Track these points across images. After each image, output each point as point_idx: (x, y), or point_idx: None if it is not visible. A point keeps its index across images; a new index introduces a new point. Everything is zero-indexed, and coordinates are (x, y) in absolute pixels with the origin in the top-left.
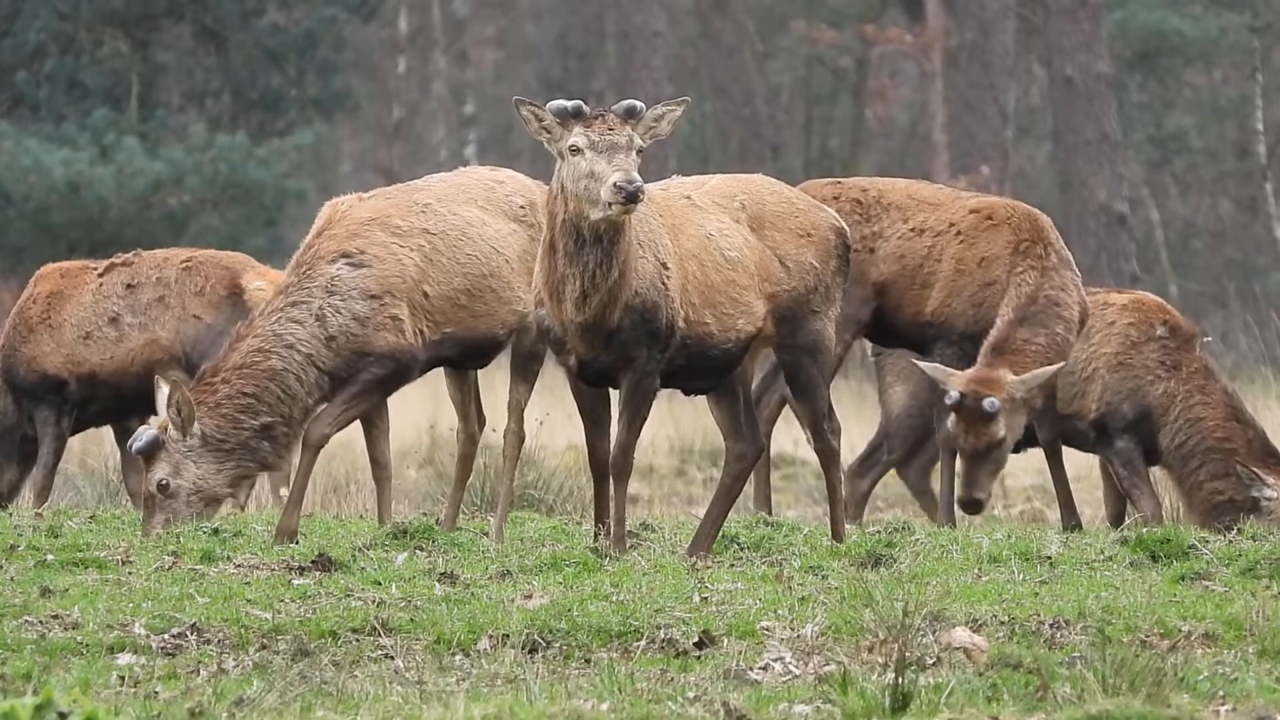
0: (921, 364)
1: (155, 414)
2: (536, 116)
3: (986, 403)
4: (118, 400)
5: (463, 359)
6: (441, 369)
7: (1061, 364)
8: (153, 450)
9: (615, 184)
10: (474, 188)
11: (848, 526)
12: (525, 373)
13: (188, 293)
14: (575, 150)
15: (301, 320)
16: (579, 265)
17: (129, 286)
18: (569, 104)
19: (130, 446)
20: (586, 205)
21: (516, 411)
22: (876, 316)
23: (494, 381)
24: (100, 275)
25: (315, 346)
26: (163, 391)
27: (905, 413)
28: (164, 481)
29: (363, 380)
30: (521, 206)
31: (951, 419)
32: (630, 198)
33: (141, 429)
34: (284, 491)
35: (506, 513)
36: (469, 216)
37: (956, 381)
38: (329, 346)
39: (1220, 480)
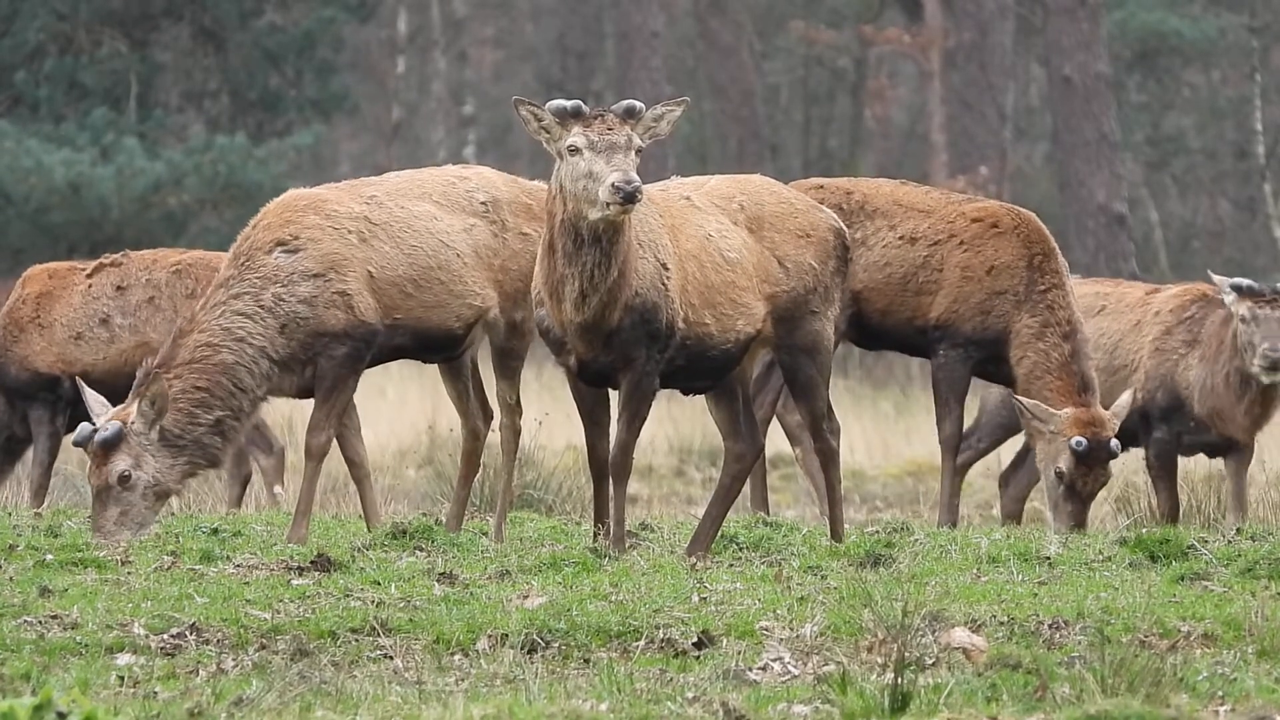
0: (1023, 400)
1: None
2: (536, 116)
3: (1113, 445)
4: (110, 398)
5: (418, 350)
6: (438, 370)
7: (1134, 390)
8: (117, 442)
9: (613, 184)
10: (431, 183)
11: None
12: (504, 368)
13: (178, 295)
14: (574, 150)
15: (249, 314)
16: (577, 265)
17: (119, 288)
18: (568, 104)
19: (93, 437)
20: (585, 205)
21: (505, 406)
22: (858, 322)
23: (494, 381)
24: (89, 276)
25: (269, 338)
26: (87, 392)
27: (996, 411)
28: (126, 473)
29: (329, 368)
30: (483, 202)
31: (1072, 463)
32: (628, 198)
33: (100, 420)
34: (279, 489)
35: (506, 510)
36: (418, 210)
37: (1072, 425)
38: (283, 334)
39: None
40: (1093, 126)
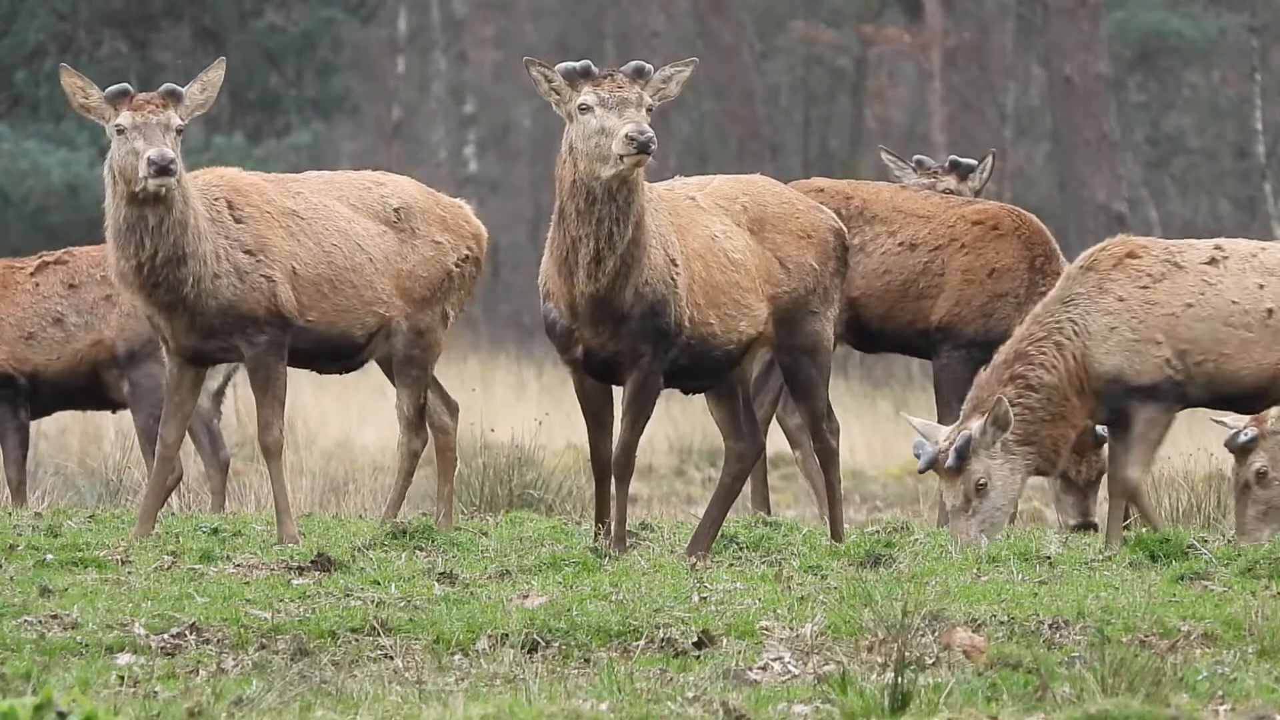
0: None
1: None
2: (546, 78)
3: (1099, 430)
4: (65, 396)
5: (317, 357)
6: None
7: None
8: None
9: (627, 135)
10: (349, 186)
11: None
12: (405, 378)
13: None
14: (585, 109)
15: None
16: (591, 224)
17: (70, 286)
18: (577, 65)
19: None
20: (597, 164)
21: (404, 422)
22: (856, 326)
23: (493, 381)
24: (32, 274)
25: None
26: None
27: None
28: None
29: (255, 357)
30: (395, 209)
31: None
32: (642, 148)
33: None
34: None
35: (450, 511)
36: (336, 212)
37: None
38: (213, 283)
39: None
40: (1093, 126)
